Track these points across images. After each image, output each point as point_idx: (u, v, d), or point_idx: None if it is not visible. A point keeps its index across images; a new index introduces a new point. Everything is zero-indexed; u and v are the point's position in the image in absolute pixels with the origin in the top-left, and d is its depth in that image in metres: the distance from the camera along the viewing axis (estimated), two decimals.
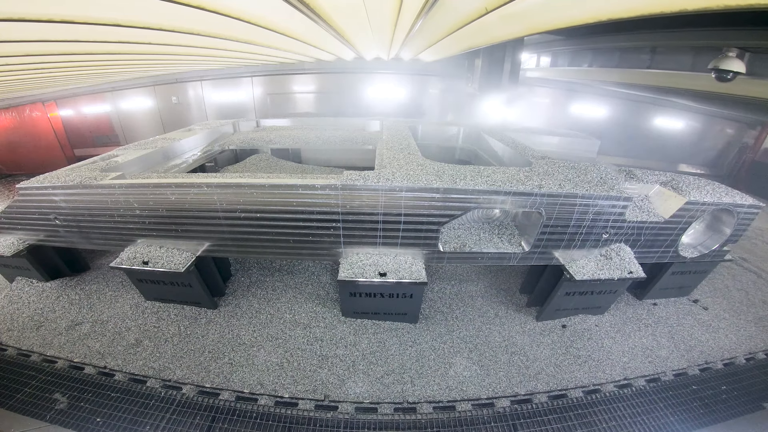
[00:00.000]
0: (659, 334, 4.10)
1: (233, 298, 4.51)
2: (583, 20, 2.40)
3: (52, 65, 4.31)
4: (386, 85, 10.35)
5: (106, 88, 10.38)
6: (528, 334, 4.05)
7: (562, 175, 3.81)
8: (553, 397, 3.32)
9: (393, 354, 3.72)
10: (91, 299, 4.50)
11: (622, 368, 3.64)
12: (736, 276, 5.27)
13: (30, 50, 3.08)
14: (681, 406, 3.26)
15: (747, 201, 3.82)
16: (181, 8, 2.16)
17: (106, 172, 4.10)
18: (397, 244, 3.80)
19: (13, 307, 4.39)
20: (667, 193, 3.95)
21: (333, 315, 4.20)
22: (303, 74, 10.27)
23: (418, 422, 3.06)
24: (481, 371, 3.56)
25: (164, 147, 5.48)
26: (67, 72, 5.26)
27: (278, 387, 3.35)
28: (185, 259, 3.87)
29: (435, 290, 4.69)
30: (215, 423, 3.03)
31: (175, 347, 3.78)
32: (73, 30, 2.50)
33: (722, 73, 3.89)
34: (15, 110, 10.06)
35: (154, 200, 3.71)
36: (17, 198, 4.06)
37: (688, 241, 4.32)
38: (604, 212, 3.59)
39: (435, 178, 3.57)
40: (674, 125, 9.67)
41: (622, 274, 3.70)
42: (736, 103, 5.72)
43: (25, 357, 3.71)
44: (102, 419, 3.06)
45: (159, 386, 3.36)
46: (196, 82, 10.44)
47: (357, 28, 3.82)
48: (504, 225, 4.40)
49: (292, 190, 3.52)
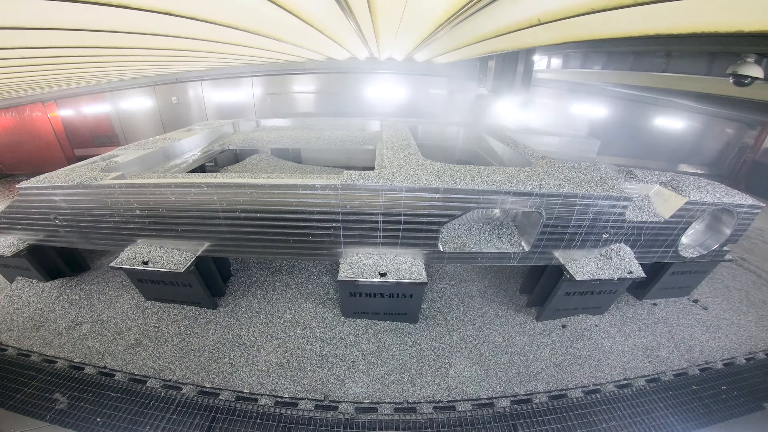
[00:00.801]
0: (659, 334, 4.10)
1: (233, 298, 4.51)
2: (619, 34, 2.43)
3: (51, 65, 4.32)
4: (388, 86, 10.32)
5: (106, 88, 10.38)
6: (528, 334, 4.05)
7: (562, 175, 3.81)
8: (553, 397, 3.32)
9: (393, 354, 3.72)
10: (91, 299, 4.50)
11: (622, 368, 3.64)
12: (736, 276, 5.27)
13: (28, 52, 3.08)
14: (681, 406, 3.26)
15: (747, 201, 3.82)
16: (171, 17, 2.16)
17: (106, 172, 4.10)
18: (397, 244, 3.80)
19: (13, 307, 4.39)
20: (667, 193, 3.95)
21: (333, 315, 4.20)
22: (303, 74, 10.26)
23: (418, 422, 3.06)
24: (481, 371, 3.56)
25: (164, 147, 5.47)
26: (66, 72, 5.26)
27: (278, 387, 3.35)
28: (185, 259, 3.87)
29: (435, 290, 4.69)
30: (215, 423, 3.03)
31: (175, 347, 3.78)
32: (71, 32, 2.50)
33: (740, 78, 3.93)
34: (15, 110, 10.05)
35: (154, 200, 3.71)
36: (17, 198, 4.06)
37: (688, 241, 4.32)
38: (604, 212, 3.59)
39: (435, 178, 3.57)
40: (674, 125, 9.67)
41: (622, 274, 3.70)
42: (740, 104, 5.75)
43: (25, 357, 3.71)
44: (102, 419, 3.06)
45: (159, 386, 3.36)
46: (196, 82, 10.44)
47: (387, 27, 3.75)
48: (504, 225, 4.40)
49: (292, 190, 3.51)
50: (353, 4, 2.58)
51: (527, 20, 2.71)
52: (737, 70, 3.86)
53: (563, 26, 2.73)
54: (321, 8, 2.70)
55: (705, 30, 1.88)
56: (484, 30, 3.50)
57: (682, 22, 1.94)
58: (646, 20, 2.13)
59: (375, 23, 3.40)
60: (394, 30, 3.88)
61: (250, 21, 2.93)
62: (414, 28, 3.77)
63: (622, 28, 2.38)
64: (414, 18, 3.23)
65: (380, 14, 3.07)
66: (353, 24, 3.18)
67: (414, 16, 3.11)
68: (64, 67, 4.62)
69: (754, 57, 3.89)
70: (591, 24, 2.58)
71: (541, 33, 3.12)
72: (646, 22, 2.14)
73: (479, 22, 3.18)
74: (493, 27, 3.28)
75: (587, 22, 2.52)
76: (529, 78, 7.61)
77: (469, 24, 3.27)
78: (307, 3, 2.51)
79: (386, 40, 4.75)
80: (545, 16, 2.43)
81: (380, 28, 3.70)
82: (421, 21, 3.31)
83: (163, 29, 2.83)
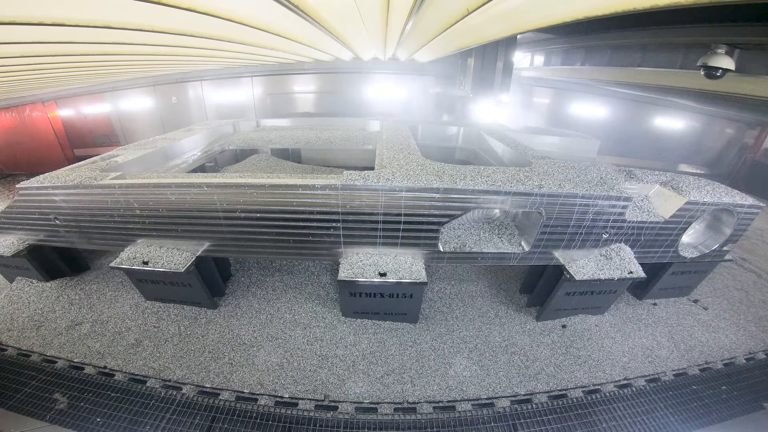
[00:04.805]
0: (659, 334, 4.10)
1: (233, 298, 4.51)
2: (563, 19, 2.44)
3: (50, 66, 4.32)
4: (385, 85, 10.36)
5: (106, 88, 10.38)
6: (528, 334, 4.05)
7: (562, 175, 3.81)
8: (553, 397, 3.32)
9: (393, 354, 3.72)
10: (91, 299, 4.50)
11: (622, 368, 3.64)
12: (736, 276, 5.27)
13: (27, 51, 3.08)
14: (681, 406, 3.26)
15: (747, 201, 3.82)
16: (173, 10, 2.16)
17: (106, 172, 4.10)
18: (397, 244, 3.80)
19: (13, 307, 4.39)
20: (667, 193, 3.95)
21: (333, 315, 4.20)
22: (303, 74, 10.27)
23: (418, 422, 3.06)
24: (481, 371, 3.56)
25: (164, 147, 5.47)
26: (65, 72, 5.27)
27: (278, 387, 3.35)
28: (185, 259, 3.87)
29: (435, 290, 4.69)
30: (215, 423, 3.03)
31: (175, 347, 3.78)
32: (69, 31, 2.50)
33: (711, 70, 3.84)
34: (15, 110, 10.06)
35: (154, 200, 3.71)
36: (17, 198, 4.06)
37: (688, 241, 4.32)
38: (604, 212, 3.59)
39: (435, 178, 3.57)
40: (674, 125, 9.67)
41: (622, 274, 3.70)
42: (734, 102, 5.71)
43: (25, 357, 3.71)
44: (102, 419, 3.05)
45: (159, 386, 3.36)
46: (196, 82, 10.44)
47: (352, 28, 3.83)
48: (504, 225, 4.40)
49: (292, 190, 3.51)
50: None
51: (458, 12, 2.78)
52: (707, 62, 3.78)
53: (501, 16, 2.81)
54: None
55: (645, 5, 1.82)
56: (436, 24, 3.57)
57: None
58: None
59: (329, 26, 3.43)
60: (360, 29, 3.93)
61: (279, 24, 2.98)
62: (374, 28, 3.86)
63: (560, 13, 2.41)
64: (368, 17, 3.32)
65: (334, 18, 3.14)
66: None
67: (366, 14, 3.20)
68: (61, 68, 4.62)
69: (724, 48, 3.81)
70: (527, 13, 2.66)
71: (489, 26, 3.22)
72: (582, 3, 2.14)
73: (428, 18, 3.28)
74: (441, 21, 3.34)
75: (521, 11, 2.60)
76: (509, 76, 7.59)
77: (421, 21, 3.37)
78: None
79: (356, 41, 4.79)
80: (472, 4, 2.48)
81: (339, 29, 3.75)
82: (373, 18, 3.39)
83: (200, 29, 2.88)
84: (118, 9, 2.21)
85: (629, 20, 5.54)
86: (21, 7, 1.92)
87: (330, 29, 3.43)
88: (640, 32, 5.87)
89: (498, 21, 3.03)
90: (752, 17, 3.90)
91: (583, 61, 8.05)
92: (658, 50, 6.19)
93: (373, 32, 4.16)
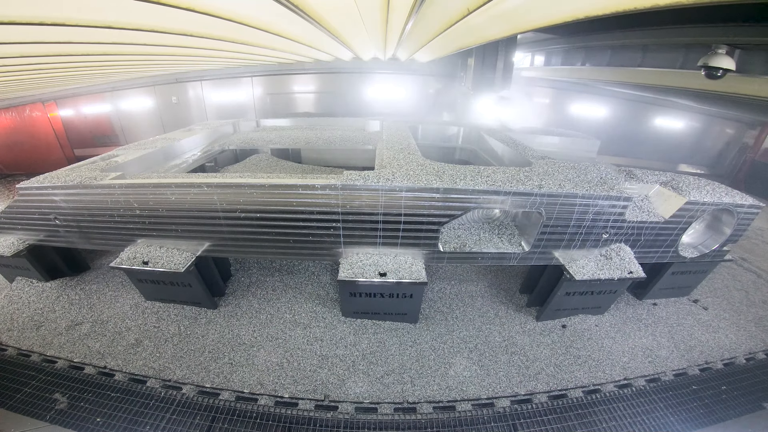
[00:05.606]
0: (659, 334, 4.10)
1: (233, 298, 4.51)
2: (563, 19, 2.43)
3: (49, 66, 4.31)
4: (385, 85, 10.35)
5: (106, 88, 10.38)
6: (528, 334, 4.05)
7: (562, 175, 3.81)
8: (553, 397, 3.32)
9: (393, 354, 3.72)
10: (91, 299, 4.50)
11: (622, 368, 3.64)
12: (736, 276, 5.27)
13: (27, 51, 3.08)
14: (681, 406, 3.26)
15: (747, 201, 3.82)
16: (173, 10, 2.16)
17: (106, 172, 4.09)
18: (397, 244, 3.80)
19: (13, 307, 4.39)
20: (667, 193, 3.95)
21: (333, 315, 4.20)
22: (303, 74, 10.26)
23: (418, 422, 3.06)
24: (481, 371, 3.56)
25: (164, 147, 5.47)
26: (65, 73, 5.26)
27: (278, 387, 3.35)
28: (185, 259, 3.87)
29: (435, 290, 4.69)
30: (215, 423, 3.03)
31: (175, 347, 3.78)
32: (68, 31, 2.50)
33: (712, 71, 3.85)
34: (15, 110, 10.06)
35: (154, 200, 3.71)
36: (17, 198, 4.06)
37: (688, 241, 4.32)
38: (604, 212, 3.59)
39: (435, 178, 3.57)
40: (674, 125, 9.68)
41: (622, 274, 3.70)
42: (734, 102, 5.70)
43: (25, 357, 3.71)
44: (102, 419, 3.05)
45: (159, 386, 3.35)
46: (196, 82, 10.44)
47: (351, 28, 3.83)
48: (504, 225, 4.40)
49: (292, 190, 3.51)
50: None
51: (459, 12, 2.77)
52: (708, 62, 3.79)
53: (502, 16, 2.79)
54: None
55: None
56: (437, 24, 3.56)
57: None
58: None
59: (328, 26, 3.43)
60: (360, 29, 3.93)
61: (279, 23, 2.98)
62: (374, 28, 3.84)
63: (560, 13, 2.40)
64: (368, 17, 3.30)
65: (334, 17, 3.12)
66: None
67: (366, 14, 3.18)
68: (61, 68, 4.62)
69: (725, 48, 3.82)
70: (528, 13, 2.63)
71: (489, 26, 3.20)
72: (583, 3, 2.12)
73: (428, 17, 3.26)
74: (442, 20, 3.33)
75: (522, 10, 2.57)
76: (509, 75, 7.59)
77: (421, 21, 3.35)
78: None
79: (356, 41, 4.78)
80: (473, 4, 2.47)
81: (338, 28, 3.74)
82: (373, 18, 3.38)
83: (200, 29, 2.87)
84: (118, 9, 2.21)
85: (630, 20, 5.54)
86: (21, 7, 1.92)
87: (330, 29, 3.43)
88: (640, 32, 5.87)
89: (498, 21, 3.03)
90: (752, 17, 3.91)
91: (584, 61, 8.05)
92: (659, 50, 6.19)
93: (373, 32, 4.16)
